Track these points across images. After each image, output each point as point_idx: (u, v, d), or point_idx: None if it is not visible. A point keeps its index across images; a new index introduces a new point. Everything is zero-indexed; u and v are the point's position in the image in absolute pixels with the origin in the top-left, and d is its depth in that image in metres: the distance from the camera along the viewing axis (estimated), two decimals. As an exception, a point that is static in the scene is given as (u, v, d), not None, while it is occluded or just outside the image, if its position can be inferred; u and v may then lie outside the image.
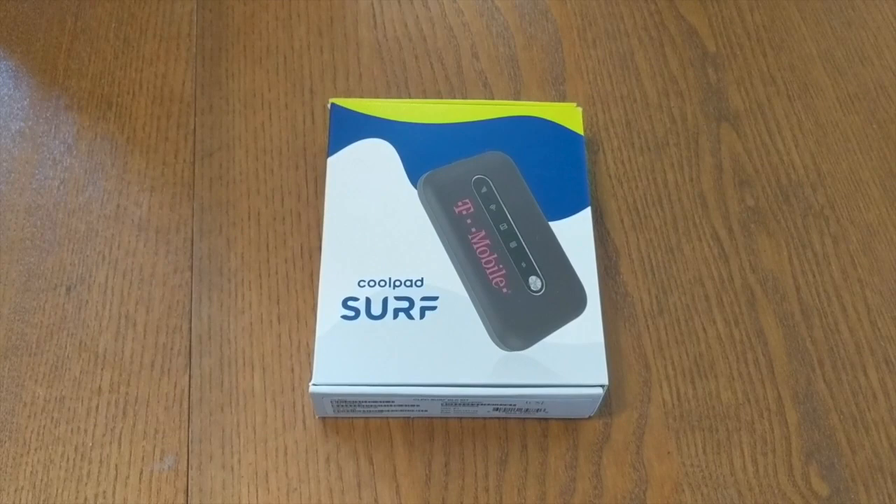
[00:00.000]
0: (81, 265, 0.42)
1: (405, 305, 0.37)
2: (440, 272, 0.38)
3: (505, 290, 0.37)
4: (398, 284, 0.38)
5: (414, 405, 0.37)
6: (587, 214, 0.40)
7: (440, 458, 0.37)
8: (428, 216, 0.40)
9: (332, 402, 0.36)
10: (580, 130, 0.43)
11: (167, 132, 0.46)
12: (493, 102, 0.45)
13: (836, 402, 0.39)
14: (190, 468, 0.37)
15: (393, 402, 0.36)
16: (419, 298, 0.37)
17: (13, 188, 0.44)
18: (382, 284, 0.38)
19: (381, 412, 0.37)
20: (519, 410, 0.37)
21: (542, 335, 0.37)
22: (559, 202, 0.40)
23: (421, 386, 0.36)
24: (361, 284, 0.38)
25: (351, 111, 0.43)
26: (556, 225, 0.40)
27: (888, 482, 0.37)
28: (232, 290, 0.41)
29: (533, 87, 0.48)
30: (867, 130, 0.48)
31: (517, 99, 0.48)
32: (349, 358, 0.36)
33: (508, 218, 0.39)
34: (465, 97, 0.48)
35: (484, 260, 0.38)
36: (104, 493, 0.36)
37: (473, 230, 0.39)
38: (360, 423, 0.38)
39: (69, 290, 0.41)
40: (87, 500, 0.36)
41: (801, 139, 0.48)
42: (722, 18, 0.52)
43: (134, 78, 0.48)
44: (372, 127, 0.42)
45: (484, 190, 0.40)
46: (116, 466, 0.36)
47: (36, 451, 0.37)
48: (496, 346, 0.36)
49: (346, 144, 0.42)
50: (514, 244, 0.39)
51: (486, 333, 0.37)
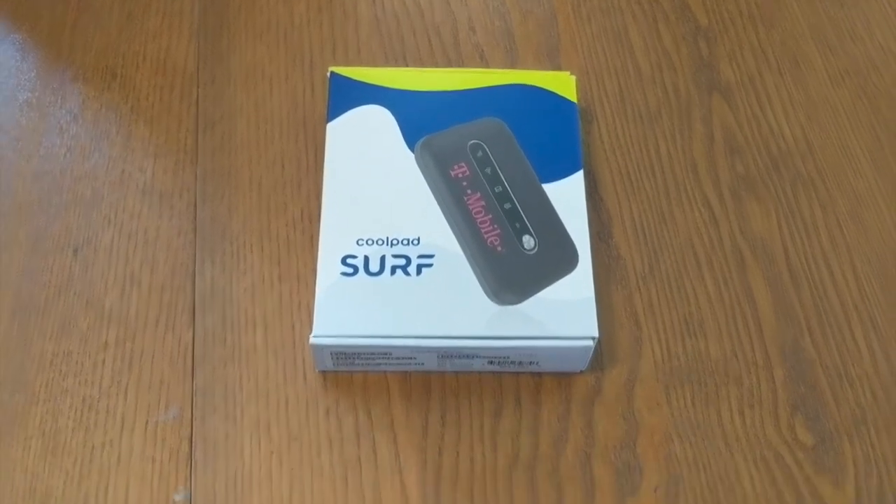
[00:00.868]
0: (87, 228, 0.43)
1: (402, 263, 0.38)
2: (436, 232, 0.39)
3: (499, 248, 0.39)
4: (395, 243, 0.39)
5: (411, 358, 0.38)
6: (580, 177, 0.41)
7: (437, 410, 0.38)
8: (425, 179, 0.41)
9: (331, 353, 0.37)
10: (573, 98, 0.44)
11: (170, 103, 0.48)
12: (488, 71, 0.46)
13: (821, 358, 0.40)
14: (194, 419, 0.38)
15: (391, 353, 0.37)
16: (416, 256, 0.38)
17: (21, 155, 0.45)
18: (380, 243, 0.39)
19: (378, 366, 0.39)
20: (513, 364, 0.38)
21: (534, 291, 0.38)
22: (552, 166, 0.41)
23: (417, 338, 0.37)
24: (360, 243, 0.39)
25: (350, 79, 0.44)
26: (549, 187, 0.41)
27: (871, 432, 0.38)
28: (234, 252, 0.42)
29: (529, 59, 0.50)
30: (856, 104, 0.49)
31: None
32: (348, 311, 0.37)
33: (503, 180, 0.41)
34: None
35: (479, 220, 0.39)
36: (111, 441, 0.37)
37: (469, 192, 0.40)
38: (359, 377, 0.39)
39: (76, 251, 0.42)
40: (94, 448, 0.37)
41: (791, 111, 0.49)
42: (713, -5, 0.53)
43: (138, 51, 0.49)
44: (370, 94, 0.43)
45: (479, 154, 0.41)
46: (123, 416, 0.38)
47: (45, 402, 0.38)
48: (491, 301, 0.37)
49: (344, 111, 0.43)
50: (508, 205, 0.40)
51: (480, 289, 0.38)
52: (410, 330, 0.37)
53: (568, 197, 0.41)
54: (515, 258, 0.38)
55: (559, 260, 0.39)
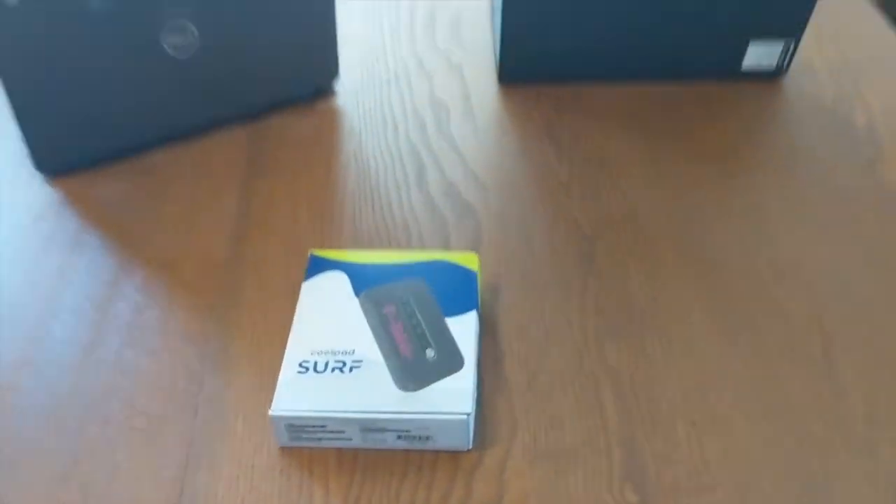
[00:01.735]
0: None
1: (340, 365, 0.55)
2: (366, 347, 0.56)
3: (409, 356, 0.55)
4: (337, 353, 0.56)
5: (341, 431, 0.53)
6: (473, 315, 0.58)
7: (359, 472, 0.53)
8: (363, 314, 0.58)
9: (285, 426, 0.53)
10: (476, 267, 0.62)
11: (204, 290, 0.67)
12: (416, 249, 0.65)
13: (651, 446, 0.54)
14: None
15: (326, 426, 0.53)
16: (350, 361, 0.55)
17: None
18: (327, 353, 0.56)
19: (319, 440, 0.54)
20: (415, 439, 0.53)
21: (430, 382, 0.54)
22: (455, 305, 0.59)
23: (345, 412, 0.52)
24: (313, 353, 0.56)
25: (322, 257, 0.63)
26: (452, 320, 0.58)
27: (682, 497, 0.51)
28: (233, 362, 0.59)
29: (460, 247, 0.69)
30: (698, 281, 0.67)
31: (443, 257, 0.68)
32: (298, 394, 0.53)
33: (417, 315, 0.58)
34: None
35: (397, 339, 0.56)
36: None
37: (393, 322, 0.57)
38: (305, 451, 0.54)
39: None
40: None
41: (646, 284, 0.66)
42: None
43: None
44: (334, 265, 0.62)
45: (404, 299, 0.59)
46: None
47: None
48: (399, 389, 0.53)
49: (315, 274, 0.62)
50: (419, 330, 0.57)
51: (393, 381, 0.54)
52: (340, 406, 0.52)
53: (464, 325, 0.57)
54: (419, 362, 0.55)
55: (450, 364, 0.55)
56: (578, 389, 0.58)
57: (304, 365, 0.55)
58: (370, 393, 0.53)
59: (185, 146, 0.78)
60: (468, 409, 0.52)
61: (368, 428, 0.53)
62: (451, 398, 0.53)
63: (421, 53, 0.89)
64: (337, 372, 0.54)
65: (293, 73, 0.80)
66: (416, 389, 0.53)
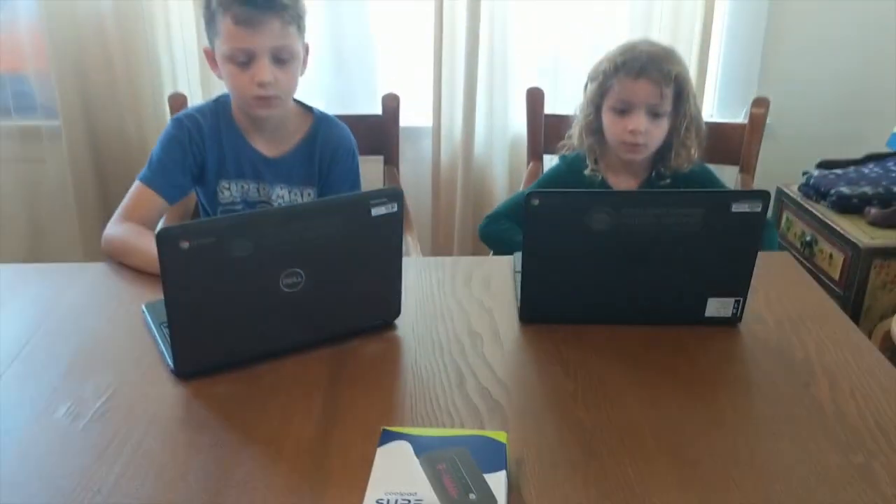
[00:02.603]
0: None
1: (406, 502, 0.76)
2: (426, 492, 0.77)
3: (457, 497, 0.76)
4: (404, 494, 0.77)
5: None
6: (503, 472, 0.80)
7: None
8: (423, 470, 0.80)
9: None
10: (504, 440, 0.84)
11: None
12: (458, 428, 0.88)
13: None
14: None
15: (397, 542, 0.73)
16: (413, 499, 0.76)
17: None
18: (396, 494, 0.77)
19: (391, 555, 0.73)
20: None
21: (473, 514, 0.74)
22: (489, 465, 0.80)
23: (411, 531, 0.73)
24: (387, 493, 0.77)
25: (392, 431, 0.86)
26: (486, 475, 0.79)
27: None
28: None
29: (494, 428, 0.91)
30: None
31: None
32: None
33: (462, 471, 0.80)
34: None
35: (448, 486, 0.77)
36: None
37: (444, 475, 0.79)
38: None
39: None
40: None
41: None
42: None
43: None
44: (400, 436, 0.85)
45: (452, 460, 0.81)
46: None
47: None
48: (450, 517, 0.74)
49: (386, 442, 0.84)
50: (463, 481, 0.78)
51: (446, 513, 0.74)
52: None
53: (497, 479, 0.79)
54: (464, 501, 0.76)
55: (487, 503, 0.76)
56: (581, 531, 0.78)
57: (380, 501, 0.76)
58: (430, 519, 0.74)
59: (283, 360, 1.03)
60: (499, 533, 0.73)
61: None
62: (487, 524, 0.73)
63: (461, 299, 1.17)
64: (406, 510, 0.76)
65: (368, 310, 1.07)
66: (462, 518, 0.74)
